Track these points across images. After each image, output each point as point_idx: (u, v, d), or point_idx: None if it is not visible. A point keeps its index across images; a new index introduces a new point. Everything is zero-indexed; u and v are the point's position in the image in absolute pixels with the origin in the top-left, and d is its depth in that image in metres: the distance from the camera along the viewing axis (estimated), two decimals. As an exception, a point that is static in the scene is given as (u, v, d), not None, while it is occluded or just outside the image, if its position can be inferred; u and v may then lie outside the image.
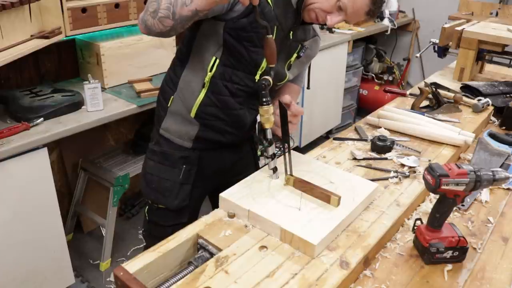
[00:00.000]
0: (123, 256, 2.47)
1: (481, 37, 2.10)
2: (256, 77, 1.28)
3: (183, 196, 1.39)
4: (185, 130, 1.35)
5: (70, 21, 2.05)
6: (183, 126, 1.35)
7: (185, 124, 1.35)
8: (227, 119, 1.34)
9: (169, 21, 1.12)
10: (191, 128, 1.35)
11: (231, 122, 1.35)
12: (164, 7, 1.11)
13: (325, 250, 1.00)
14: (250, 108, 1.37)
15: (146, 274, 0.96)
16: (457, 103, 1.82)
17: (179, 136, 1.37)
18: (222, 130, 1.36)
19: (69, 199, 2.53)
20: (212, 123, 1.34)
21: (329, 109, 3.75)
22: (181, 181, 1.38)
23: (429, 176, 0.98)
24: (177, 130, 1.36)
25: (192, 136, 1.35)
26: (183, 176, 1.38)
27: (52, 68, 2.35)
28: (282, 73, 1.36)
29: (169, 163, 1.38)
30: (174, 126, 1.36)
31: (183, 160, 1.37)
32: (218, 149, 1.41)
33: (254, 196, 1.13)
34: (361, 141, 1.54)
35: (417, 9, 4.29)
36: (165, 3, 1.11)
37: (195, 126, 1.34)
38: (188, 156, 1.37)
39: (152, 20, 1.13)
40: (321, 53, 3.26)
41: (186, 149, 1.37)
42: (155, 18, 1.13)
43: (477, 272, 1.01)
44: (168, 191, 1.39)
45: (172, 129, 1.37)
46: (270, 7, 1.21)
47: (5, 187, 1.75)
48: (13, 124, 1.82)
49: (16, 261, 1.86)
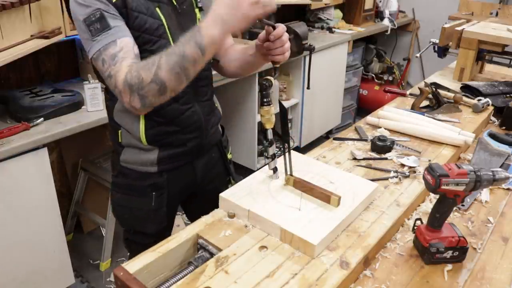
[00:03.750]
0: (123, 256, 2.47)
1: (481, 37, 2.10)
2: None
3: (160, 219, 1.33)
4: (145, 157, 1.26)
5: (70, 21, 2.05)
6: (141, 154, 1.26)
7: (142, 152, 1.26)
8: (180, 128, 1.25)
9: (186, 83, 1.01)
10: (150, 154, 1.26)
11: (186, 128, 1.26)
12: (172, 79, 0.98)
13: (325, 250, 1.00)
14: (198, 102, 1.27)
15: (146, 274, 0.96)
16: (457, 103, 1.82)
17: (141, 164, 1.27)
18: (181, 141, 1.27)
19: (69, 199, 2.53)
20: (168, 140, 1.25)
21: (329, 109, 3.75)
22: (154, 207, 1.31)
23: (429, 176, 0.98)
24: (137, 159, 1.27)
25: (154, 160, 1.26)
26: (155, 203, 1.30)
27: (52, 68, 2.35)
28: None
29: (137, 194, 1.30)
30: (132, 157, 1.27)
31: (152, 187, 1.29)
32: (185, 165, 1.32)
33: (254, 196, 1.13)
34: (361, 141, 1.54)
35: (417, 9, 4.30)
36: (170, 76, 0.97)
37: (153, 151, 1.25)
38: (155, 182, 1.28)
39: (162, 97, 1.01)
40: (321, 53, 3.27)
41: (151, 175, 1.28)
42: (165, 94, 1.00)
43: (477, 272, 1.01)
44: (144, 218, 1.32)
45: (131, 160, 1.27)
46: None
47: (5, 187, 1.75)
48: (13, 124, 1.82)
49: (16, 261, 1.86)
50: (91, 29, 1.04)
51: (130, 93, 1.00)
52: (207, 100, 1.31)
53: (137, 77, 0.98)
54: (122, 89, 1.01)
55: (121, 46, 1.04)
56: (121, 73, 1.01)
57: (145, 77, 0.98)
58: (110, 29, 1.03)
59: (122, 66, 1.01)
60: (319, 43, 3.26)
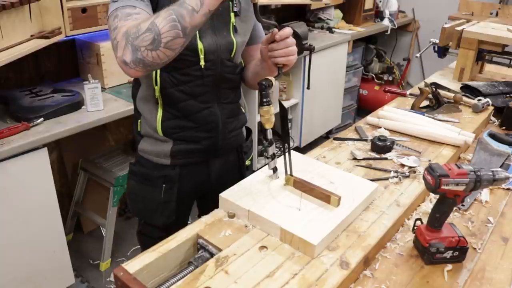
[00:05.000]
0: (123, 256, 2.47)
1: (481, 37, 2.10)
2: (201, 63, 1.19)
3: (168, 213, 1.35)
4: (160, 148, 1.30)
5: (70, 21, 2.05)
6: (157, 145, 1.30)
7: (158, 143, 1.30)
8: (195, 125, 1.27)
9: (180, 40, 0.97)
10: (165, 145, 1.29)
11: (201, 127, 1.28)
12: (167, 29, 0.94)
13: (325, 250, 1.00)
14: (219, 104, 1.29)
15: (146, 274, 0.96)
16: (457, 103, 1.82)
17: (156, 155, 1.31)
18: (196, 138, 1.29)
19: (69, 199, 2.53)
20: (182, 135, 1.28)
21: (329, 109, 3.75)
22: (163, 199, 1.33)
23: (429, 176, 0.98)
24: (152, 150, 1.31)
25: (168, 152, 1.29)
26: (164, 195, 1.32)
27: (52, 68, 2.35)
28: (229, 41, 1.23)
29: (150, 183, 1.33)
30: (149, 147, 1.32)
31: (163, 179, 1.32)
32: (200, 163, 1.34)
33: (254, 196, 1.13)
34: (361, 141, 1.54)
35: (417, 9, 4.29)
36: (166, 24, 0.94)
37: (168, 143, 1.29)
38: (167, 175, 1.31)
39: (154, 53, 0.96)
40: (321, 53, 3.27)
41: (165, 167, 1.31)
42: (158, 49, 0.96)
43: (477, 272, 1.01)
44: (153, 209, 1.35)
45: (148, 150, 1.32)
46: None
47: (5, 187, 1.75)
48: (13, 124, 1.82)
49: (16, 261, 1.86)
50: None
51: (125, 44, 0.97)
52: (229, 103, 1.32)
53: (136, 27, 0.97)
54: (120, 40, 0.99)
55: (138, 11, 1.04)
56: (125, 27, 1.00)
57: (143, 26, 0.96)
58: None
59: (129, 22, 1.01)
60: (319, 43, 3.26)
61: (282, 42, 1.12)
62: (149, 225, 1.41)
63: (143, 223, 1.44)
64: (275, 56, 1.14)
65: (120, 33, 1.00)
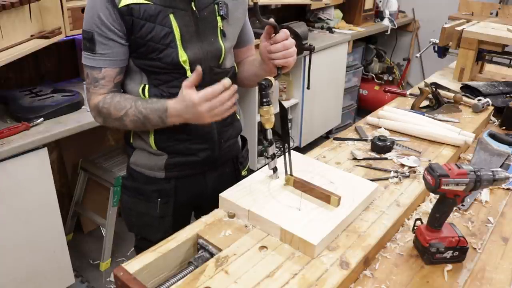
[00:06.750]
0: (123, 256, 2.47)
1: (481, 37, 2.10)
2: (188, 74, 1.16)
3: (165, 228, 1.29)
4: (153, 161, 1.26)
5: (70, 21, 2.05)
6: (150, 159, 1.26)
7: (152, 156, 1.25)
8: (189, 137, 1.23)
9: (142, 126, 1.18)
10: (158, 159, 1.25)
11: (195, 138, 1.24)
12: (132, 126, 1.16)
13: (325, 250, 1.00)
14: None
15: (146, 274, 0.96)
16: (457, 103, 1.82)
17: (149, 168, 1.27)
18: (191, 150, 1.25)
19: (69, 199, 2.53)
20: (177, 147, 1.24)
21: (329, 109, 3.75)
22: (159, 215, 1.29)
23: (429, 176, 0.98)
24: (146, 163, 1.27)
25: (162, 166, 1.25)
26: (160, 210, 1.29)
27: (52, 68, 2.35)
28: (217, 47, 1.19)
29: (144, 198, 1.29)
30: (142, 160, 1.27)
31: (157, 193, 1.27)
32: (196, 174, 1.30)
33: (254, 196, 1.13)
34: (361, 141, 1.54)
35: (417, 9, 4.30)
36: (132, 124, 1.15)
37: (162, 156, 1.25)
38: (162, 189, 1.27)
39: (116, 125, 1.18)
40: (321, 53, 3.27)
41: (159, 181, 1.27)
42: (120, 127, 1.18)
43: (477, 272, 1.01)
44: (149, 225, 1.31)
45: (141, 163, 1.28)
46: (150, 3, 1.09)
47: (5, 187, 1.75)
48: (13, 124, 1.82)
49: (16, 261, 1.86)
50: (84, 41, 1.13)
51: (97, 115, 1.19)
52: None
53: (107, 109, 1.14)
54: (93, 108, 1.19)
55: (104, 76, 1.15)
56: (96, 99, 1.17)
57: (113, 114, 1.14)
58: (95, 53, 1.12)
59: (99, 92, 1.16)
60: (319, 43, 3.26)
61: (281, 44, 1.12)
62: (146, 240, 1.31)
63: (140, 239, 1.39)
64: (273, 58, 1.14)
65: (92, 103, 1.18)
